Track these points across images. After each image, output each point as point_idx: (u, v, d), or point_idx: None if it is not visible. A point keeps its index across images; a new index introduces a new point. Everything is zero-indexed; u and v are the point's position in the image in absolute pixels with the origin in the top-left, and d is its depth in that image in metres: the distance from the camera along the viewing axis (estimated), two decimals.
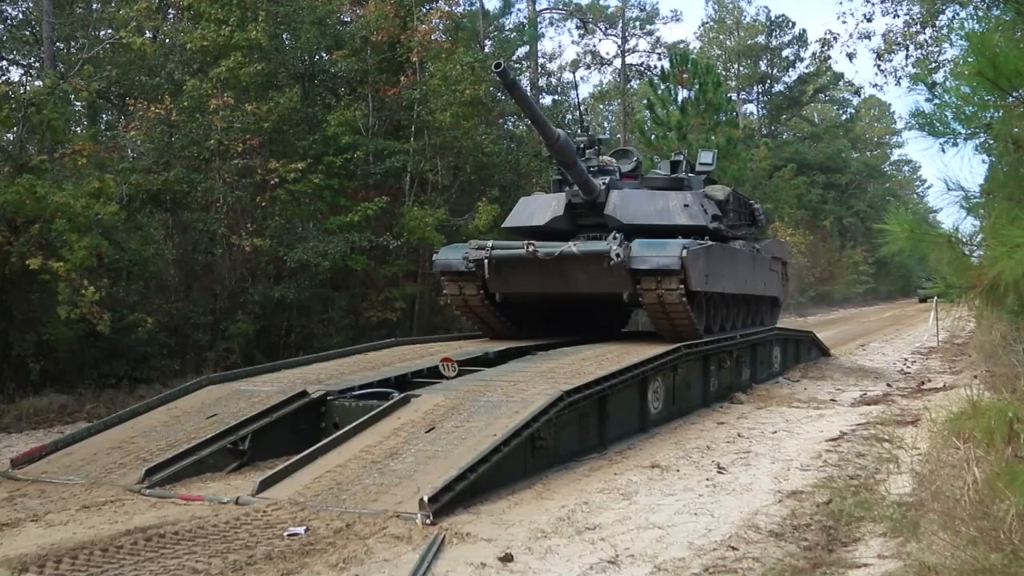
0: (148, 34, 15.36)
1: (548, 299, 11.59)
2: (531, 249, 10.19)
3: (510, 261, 10.58)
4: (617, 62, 37.56)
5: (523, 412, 6.75)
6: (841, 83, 47.65)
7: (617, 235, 9.89)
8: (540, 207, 11.82)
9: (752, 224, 14.28)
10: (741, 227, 13.54)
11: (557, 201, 11.69)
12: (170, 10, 16.90)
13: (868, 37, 20.34)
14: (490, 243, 10.79)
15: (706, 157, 13.62)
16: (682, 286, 9.80)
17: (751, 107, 46.07)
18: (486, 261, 10.57)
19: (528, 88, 28.74)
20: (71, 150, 11.80)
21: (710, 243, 10.77)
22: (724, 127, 27.48)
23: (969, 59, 3.87)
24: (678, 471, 7.15)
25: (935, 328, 20.24)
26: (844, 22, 61.64)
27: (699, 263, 10.12)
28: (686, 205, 11.46)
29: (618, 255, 9.66)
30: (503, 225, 12.73)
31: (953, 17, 16.19)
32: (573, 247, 10.07)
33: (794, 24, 44.26)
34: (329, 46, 16.70)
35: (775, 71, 45.02)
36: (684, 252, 9.70)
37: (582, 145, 11.84)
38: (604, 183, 11.37)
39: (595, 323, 12.83)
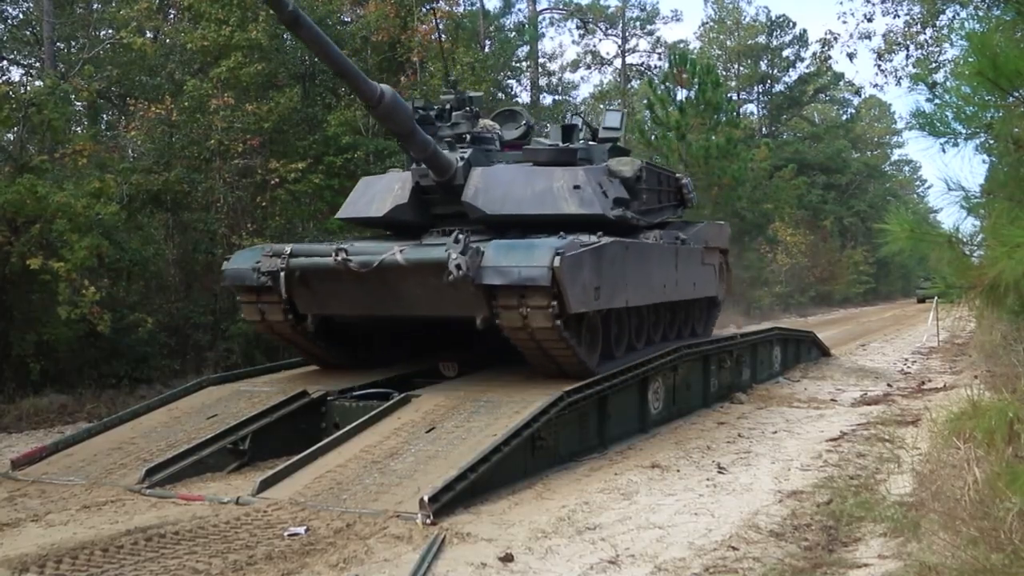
0: (148, 34, 15.38)
1: (382, 322, 8.99)
2: (341, 258, 7.47)
3: (316, 273, 7.88)
4: (617, 62, 37.62)
5: (523, 412, 6.75)
6: (841, 83, 47.66)
7: (461, 236, 7.07)
8: (382, 192, 9.02)
9: (680, 205, 11.31)
10: (662, 211, 10.63)
11: (402, 184, 8.88)
12: (170, 10, 16.92)
13: (868, 37, 20.39)
14: (288, 248, 8.01)
15: (612, 119, 10.65)
16: (555, 306, 7.06)
17: (751, 107, 46.10)
18: (282, 274, 7.84)
19: (528, 88, 28.75)
20: (71, 150, 11.80)
21: (604, 241, 7.88)
22: (724, 127, 27.48)
23: (969, 59, 3.87)
24: (678, 471, 7.15)
25: (935, 328, 20.23)
26: (844, 22, 61.70)
27: (582, 273, 7.32)
28: (577, 187, 8.55)
29: (459, 267, 6.84)
30: (337, 215, 10.05)
31: (953, 17, 16.22)
32: (398, 254, 7.31)
33: (794, 24, 44.26)
34: None
35: (775, 71, 44.99)
36: (557, 259, 6.89)
37: (448, 106, 9.33)
38: (462, 157, 8.59)
39: (474, 344, 9.04)
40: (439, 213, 8.89)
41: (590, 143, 9.95)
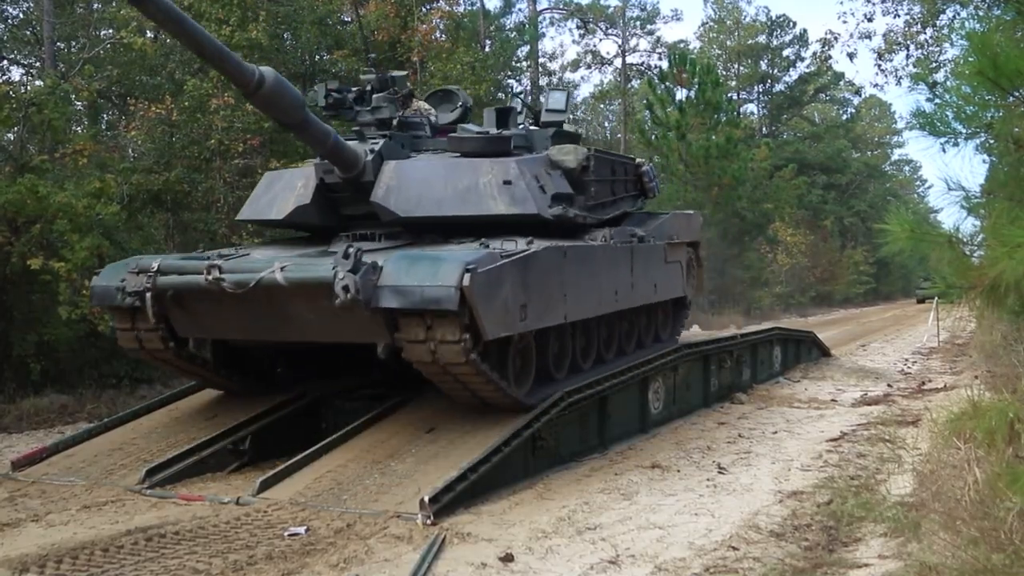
0: (149, 34, 15.36)
1: (277, 347, 7.83)
2: (213, 276, 6.24)
3: (189, 293, 6.61)
4: (617, 62, 37.62)
5: (523, 412, 6.75)
6: (842, 83, 47.65)
7: (352, 249, 5.88)
8: (284, 190, 7.80)
9: (640, 195, 10.01)
10: (617, 204, 9.33)
11: (305, 181, 7.63)
12: None
13: (869, 37, 20.40)
14: (156, 263, 6.68)
15: (556, 100, 9.36)
16: (467, 336, 5.90)
17: (751, 107, 46.11)
18: (149, 294, 6.59)
19: (528, 88, 28.75)
20: (72, 150, 11.81)
21: (534, 247, 6.65)
22: (724, 127, 27.50)
23: (970, 59, 3.88)
24: (679, 471, 7.15)
25: (936, 328, 20.23)
26: (845, 22, 61.59)
27: (502, 290, 6.11)
28: (507, 182, 7.33)
29: (347, 288, 5.72)
30: (239, 216, 8.78)
31: (954, 17, 16.22)
32: (278, 273, 6.10)
33: (795, 24, 44.25)
34: (330, 46, 16.73)
35: (776, 71, 45.00)
36: (466, 276, 5.71)
37: (369, 88, 8.34)
38: (372, 150, 7.35)
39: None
40: (350, 214, 7.64)
41: (531, 128, 8.81)
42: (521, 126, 8.89)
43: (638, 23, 37.02)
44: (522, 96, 9.97)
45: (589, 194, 8.42)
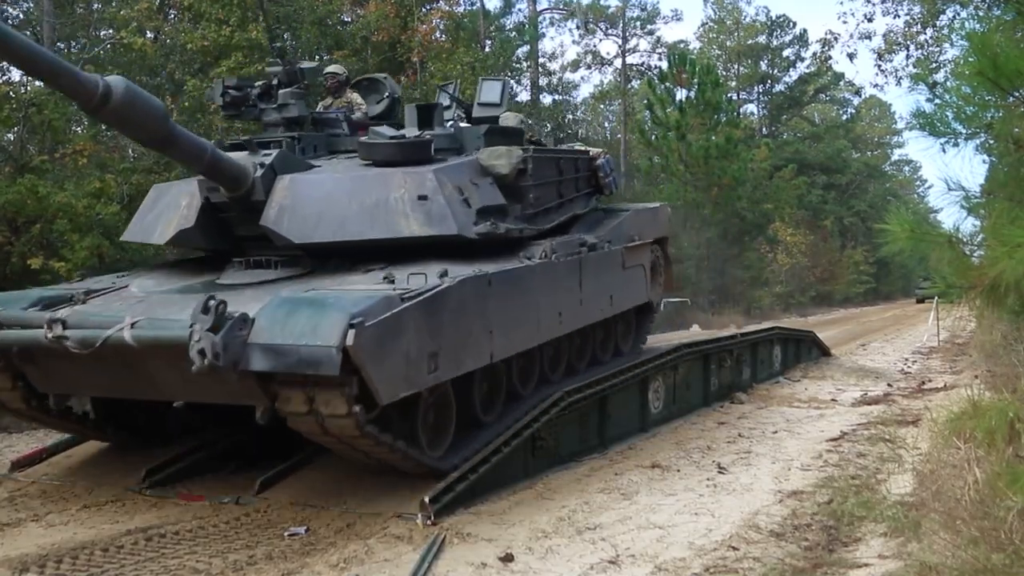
0: (149, 34, 15.39)
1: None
2: (55, 334, 5.12)
3: (36, 350, 5.49)
4: (617, 62, 37.64)
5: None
6: (842, 83, 47.69)
7: (212, 302, 4.64)
8: (167, 209, 6.65)
9: (595, 192, 8.77)
10: (565, 207, 8.04)
11: (190, 199, 6.46)
12: (171, 10, 16.93)
13: (869, 37, 20.43)
14: None
15: (491, 91, 8.35)
16: (358, 407, 4.86)
17: (751, 107, 46.13)
18: None
19: (528, 88, 28.76)
20: (72, 150, 11.83)
21: (445, 284, 5.47)
22: (724, 127, 27.52)
23: (970, 59, 3.88)
24: (679, 471, 7.15)
25: (936, 328, 20.24)
26: (845, 22, 61.59)
27: (400, 343, 4.99)
28: (422, 197, 6.17)
29: (204, 353, 4.54)
30: (122, 237, 7.71)
31: (954, 17, 16.24)
32: (127, 331, 4.96)
33: (795, 24, 44.28)
34: (330, 46, 16.73)
35: (775, 71, 45.03)
36: (351, 333, 4.60)
37: (275, 81, 7.40)
38: (262, 164, 6.16)
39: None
40: (245, 235, 6.40)
41: (462, 126, 7.73)
42: (450, 123, 7.79)
43: (638, 23, 37.06)
44: (452, 89, 8.69)
45: (527, 202, 7.16)
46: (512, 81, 26.23)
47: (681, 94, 27.51)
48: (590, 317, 7.76)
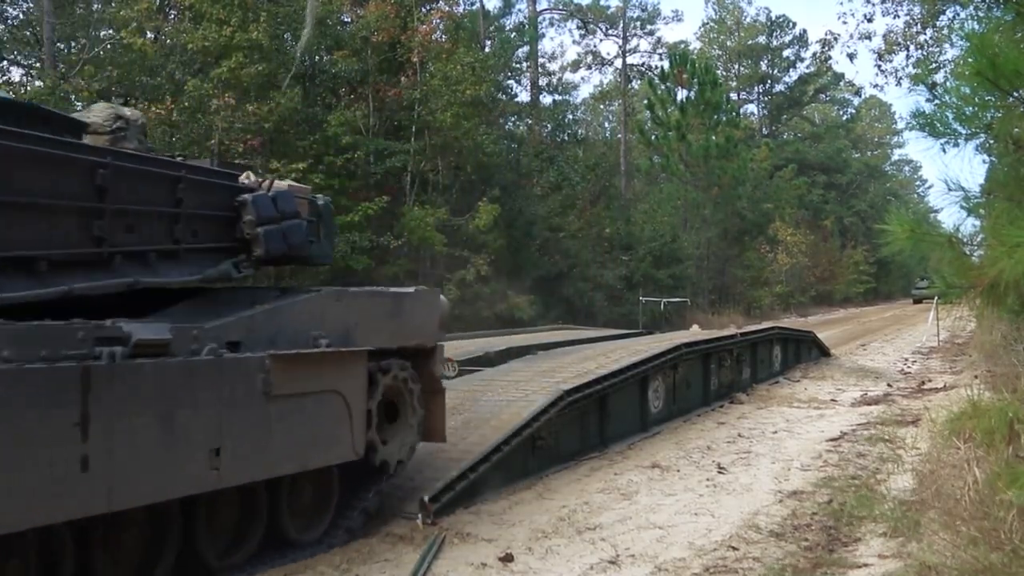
0: (149, 34, 15.39)
1: None
2: None
3: None
4: (618, 62, 37.64)
5: (523, 412, 6.74)
6: (842, 83, 47.77)
7: None
8: None
9: (232, 251, 5.31)
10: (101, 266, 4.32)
11: None
12: (171, 10, 16.93)
13: (869, 37, 20.44)
14: None
15: None
16: None
17: (751, 107, 46.15)
18: None
19: (528, 88, 28.78)
20: None
21: None
22: (724, 127, 27.54)
23: (969, 59, 3.88)
24: (679, 471, 7.15)
25: (935, 328, 20.24)
26: (845, 23, 61.74)
27: None
28: None
29: None
30: None
31: (953, 18, 16.23)
32: None
33: (795, 24, 44.39)
34: (330, 46, 16.73)
35: (776, 71, 45.06)
36: None
37: None
38: None
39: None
40: None
41: None
42: None
43: (638, 23, 37.07)
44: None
45: None
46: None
47: (681, 94, 27.53)
48: (121, 499, 3.64)
